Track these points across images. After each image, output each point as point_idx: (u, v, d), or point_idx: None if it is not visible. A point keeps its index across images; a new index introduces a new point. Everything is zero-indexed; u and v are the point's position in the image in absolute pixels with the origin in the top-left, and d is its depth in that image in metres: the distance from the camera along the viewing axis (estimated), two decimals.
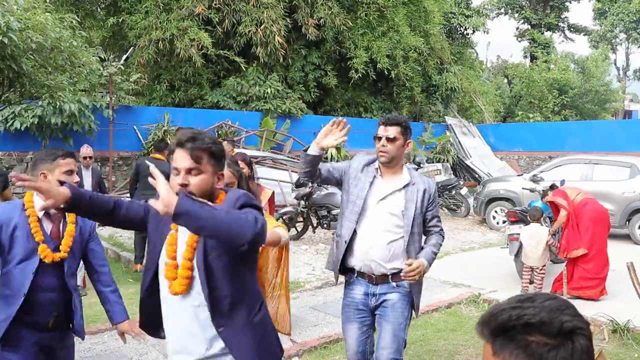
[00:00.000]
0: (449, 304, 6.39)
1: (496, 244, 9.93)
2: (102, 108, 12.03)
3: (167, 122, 13.28)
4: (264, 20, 14.62)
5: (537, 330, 0.99)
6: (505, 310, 1.04)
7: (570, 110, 24.31)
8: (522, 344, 0.99)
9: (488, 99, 23.12)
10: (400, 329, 3.32)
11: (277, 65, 15.80)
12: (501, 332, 1.02)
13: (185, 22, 14.12)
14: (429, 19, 18.78)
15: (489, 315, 1.06)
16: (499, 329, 1.03)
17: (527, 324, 1.00)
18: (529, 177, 11.51)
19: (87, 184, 7.71)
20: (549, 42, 29.43)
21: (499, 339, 1.02)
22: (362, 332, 3.44)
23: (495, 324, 1.03)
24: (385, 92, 19.07)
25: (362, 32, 16.65)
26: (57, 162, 2.85)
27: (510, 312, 1.02)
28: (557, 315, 1.01)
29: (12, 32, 6.59)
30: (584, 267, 6.54)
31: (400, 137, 3.31)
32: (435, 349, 5.03)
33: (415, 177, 3.39)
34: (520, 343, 1.00)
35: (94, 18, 16.12)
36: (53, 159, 2.85)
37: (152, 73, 15.31)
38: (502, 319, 1.03)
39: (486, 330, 1.05)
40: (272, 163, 13.21)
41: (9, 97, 8.28)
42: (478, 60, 27.81)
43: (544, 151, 18.33)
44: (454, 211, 13.26)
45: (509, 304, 1.05)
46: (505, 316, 1.03)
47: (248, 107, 15.19)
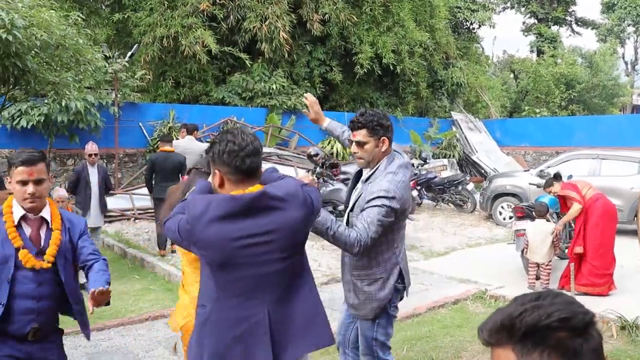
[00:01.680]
0: (455, 300, 6.36)
1: (503, 239, 9.89)
2: (107, 105, 12.05)
3: (173, 119, 13.29)
4: (268, 16, 14.60)
5: (564, 327, 0.99)
6: (527, 311, 1.01)
7: (577, 105, 24.16)
8: (551, 342, 0.98)
9: (494, 94, 23.03)
10: (366, 328, 3.30)
11: (282, 61, 15.78)
12: (530, 334, 1.00)
13: (190, 19, 14.11)
14: (435, 14, 18.70)
15: (508, 321, 1.02)
16: (529, 330, 1.00)
17: (560, 320, 0.99)
18: (535, 173, 11.44)
19: (94, 182, 7.72)
20: (555, 36, 29.24)
21: (526, 341, 1.00)
22: (347, 315, 3.51)
23: (523, 326, 1.00)
24: (391, 87, 19.01)
25: (367, 27, 16.60)
26: (13, 169, 2.60)
27: (537, 312, 1.00)
28: (576, 308, 1.01)
29: (16, 30, 6.59)
30: (593, 263, 6.49)
31: (370, 139, 3.20)
32: (441, 345, 5.00)
33: (378, 179, 3.15)
34: (550, 342, 0.98)
35: (98, 16, 16.14)
36: (11, 165, 2.61)
37: (157, 70, 15.31)
38: (532, 320, 1.00)
39: (508, 335, 1.02)
40: (278, 159, 13.22)
41: (14, 94, 8.29)
42: (484, 55, 27.67)
43: (551, 146, 18.24)
44: (460, 207, 13.22)
45: (524, 304, 1.03)
46: (534, 317, 1.00)
47: (253, 103, 15.18)
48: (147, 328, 5.54)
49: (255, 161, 2.24)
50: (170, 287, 6.88)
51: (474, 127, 19.75)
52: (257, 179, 2.28)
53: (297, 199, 2.26)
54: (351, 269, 3.26)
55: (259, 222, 2.17)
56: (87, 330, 2.90)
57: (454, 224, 11.67)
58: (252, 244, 2.16)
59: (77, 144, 11.37)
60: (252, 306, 2.20)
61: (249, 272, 2.18)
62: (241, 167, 2.20)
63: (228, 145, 2.20)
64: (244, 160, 2.19)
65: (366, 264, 3.20)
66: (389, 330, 3.36)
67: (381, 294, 3.21)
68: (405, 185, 3.18)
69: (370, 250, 3.11)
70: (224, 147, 2.21)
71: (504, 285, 6.91)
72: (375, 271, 3.21)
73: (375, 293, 3.21)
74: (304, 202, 2.28)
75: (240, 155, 2.19)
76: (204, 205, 2.16)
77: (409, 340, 5.13)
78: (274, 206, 2.21)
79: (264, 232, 2.18)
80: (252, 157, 2.21)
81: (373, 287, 3.21)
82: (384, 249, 3.20)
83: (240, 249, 2.15)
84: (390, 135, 3.27)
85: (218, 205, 2.15)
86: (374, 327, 3.28)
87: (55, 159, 11.92)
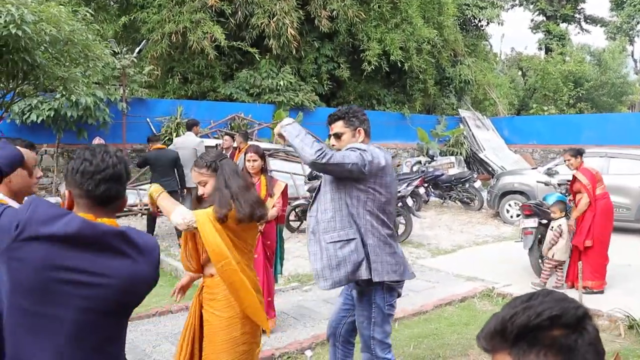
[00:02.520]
0: (462, 297, 6.35)
1: (510, 237, 9.86)
2: (115, 101, 12.08)
3: (180, 115, 13.31)
4: (276, 12, 14.59)
5: (557, 324, 0.98)
6: (517, 313, 1.01)
7: (585, 103, 24.01)
8: (547, 341, 0.98)
9: (502, 92, 22.93)
10: (363, 327, 3.34)
11: (289, 58, 15.76)
12: (522, 336, 0.99)
13: (198, 15, 14.12)
14: (443, 11, 18.64)
15: (500, 324, 1.02)
16: (521, 332, 1.00)
17: (550, 319, 0.98)
18: (543, 170, 11.40)
19: None
20: (564, 33, 29.06)
21: (519, 344, 0.99)
22: (342, 308, 3.58)
23: (515, 328, 1.00)
24: (399, 84, 18.97)
25: (375, 24, 16.55)
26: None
27: (527, 312, 1.00)
28: (568, 304, 1.01)
29: (26, 25, 6.61)
30: (593, 260, 6.52)
31: (347, 130, 3.29)
32: (448, 343, 5.00)
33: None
34: (545, 341, 0.98)
35: (106, 12, 16.17)
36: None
37: (165, 66, 15.34)
38: (522, 321, 1.00)
39: (502, 340, 1.02)
40: (285, 155, 13.20)
41: (23, 89, 8.31)
42: (492, 53, 27.58)
43: (559, 144, 18.15)
44: (467, 204, 13.19)
45: (516, 307, 1.03)
46: (524, 318, 1.00)
47: (261, 100, 15.18)
48: (153, 323, 5.56)
49: (113, 189, 1.88)
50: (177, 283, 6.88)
51: (482, 124, 19.69)
52: (113, 211, 1.92)
53: (152, 257, 1.90)
54: (322, 233, 3.24)
55: (97, 260, 1.77)
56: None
57: (461, 222, 11.65)
58: (78, 282, 1.74)
59: (86, 140, 11.39)
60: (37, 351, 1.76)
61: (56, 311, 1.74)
62: (93, 192, 1.85)
63: (83, 164, 1.86)
64: (98, 185, 1.85)
65: (337, 225, 3.20)
66: (386, 328, 3.36)
67: (355, 257, 3.18)
68: (380, 151, 3.24)
69: (342, 210, 3.17)
70: (78, 166, 1.86)
71: (511, 283, 6.89)
72: (348, 231, 3.19)
73: (349, 255, 3.18)
74: (157, 264, 1.92)
75: (94, 178, 1.85)
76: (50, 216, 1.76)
77: (416, 337, 5.12)
78: (125, 252, 1.82)
79: (99, 273, 1.76)
80: (109, 182, 1.86)
81: (347, 249, 3.18)
82: (354, 211, 3.19)
83: (59, 282, 1.73)
84: (367, 128, 3.32)
85: (69, 221, 1.76)
86: (371, 325, 3.30)
87: (63, 154, 11.96)
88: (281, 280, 6.44)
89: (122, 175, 1.92)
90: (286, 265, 7.27)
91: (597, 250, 6.56)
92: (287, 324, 5.54)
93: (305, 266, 7.70)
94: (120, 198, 1.94)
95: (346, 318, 3.54)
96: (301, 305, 6.16)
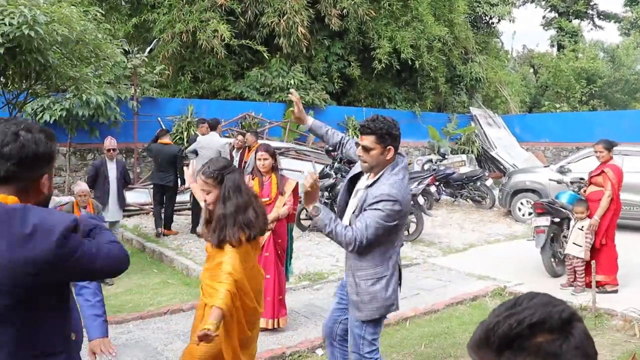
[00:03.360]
0: (474, 296, 6.32)
1: (522, 236, 9.80)
2: (126, 100, 12.15)
3: (191, 114, 13.35)
4: (286, 10, 14.59)
5: (541, 330, 0.96)
6: (500, 322, 0.99)
7: (598, 100, 23.84)
8: (532, 349, 0.96)
9: (514, 89, 22.80)
10: (355, 325, 3.35)
11: (300, 56, 15.76)
12: (506, 345, 0.97)
13: (208, 14, 14.15)
14: (454, 8, 18.54)
15: (485, 333, 1.01)
16: (503, 342, 0.98)
17: (530, 326, 0.96)
18: (556, 169, 11.32)
19: (112, 176, 7.78)
20: (577, 30, 28.84)
21: (505, 353, 0.97)
22: (337, 308, 3.65)
23: (497, 338, 0.98)
24: (409, 82, 18.91)
25: (386, 22, 16.51)
26: None
27: (508, 321, 0.98)
28: (552, 309, 0.98)
29: (38, 25, 6.65)
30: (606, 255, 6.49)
31: (377, 147, 3.20)
32: (459, 342, 4.97)
33: (381, 184, 3.19)
34: (530, 349, 0.96)
35: (118, 12, 16.25)
36: None
37: (176, 65, 15.39)
38: (503, 331, 0.98)
39: (487, 350, 1.00)
40: (296, 154, 13.22)
41: (35, 89, 8.38)
42: (503, 50, 27.41)
43: (571, 142, 18.02)
44: (478, 203, 13.13)
45: (499, 315, 1.01)
46: (505, 326, 0.98)
47: (271, 98, 15.19)
48: (165, 321, 5.58)
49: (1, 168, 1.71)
50: (188, 282, 6.92)
51: (493, 122, 19.59)
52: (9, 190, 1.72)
53: (47, 233, 1.62)
54: (355, 270, 3.30)
55: None
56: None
57: (472, 220, 11.60)
58: None
59: (98, 139, 11.45)
60: None
61: None
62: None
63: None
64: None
65: (370, 263, 3.25)
66: (377, 330, 3.39)
67: (385, 294, 3.26)
68: (406, 186, 3.26)
69: (374, 250, 3.19)
70: None
71: (523, 282, 6.85)
72: (378, 270, 3.25)
73: (379, 292, 3.25)
74: (55, 244, 1.62)
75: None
76: None
77: (427, 336, 5.11)
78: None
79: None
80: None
81: (377, 287, 3.25)
82: (387, 247, 3.26)
83: None
84: (397, 145, 3.29)
85: None
86: (363, 325, 3.32)
87: (75, 153, 12.04)
88: (292, 279, 6.44)
89: (11, 155, 1.70)
90: (297, 264, 7.28)
91: (609, 245, 6.54)
92: (298, 323, 5.55)
93: (316, 265, 7.70)
94: (13, 179, 1.73)
95: (341, 317, 3.57)
96: (312, 304, 6.16)
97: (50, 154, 1.82)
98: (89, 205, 6.88)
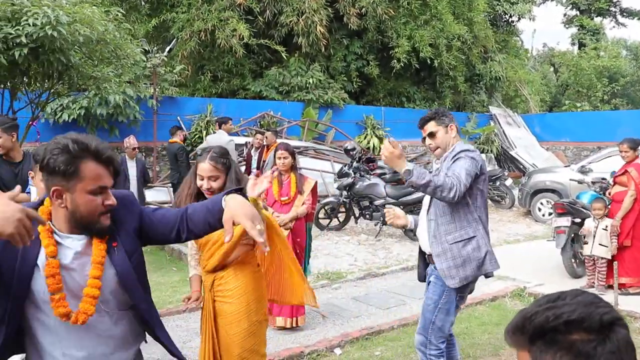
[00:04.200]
0: (493, 297, 6.28)
1: (542, 236, 9.71)
2: (146, 99, 12.24)
3: (210, 113, 13.42)
4: (305, 10, 14.60)
5: (578, 328, 0.95)
6: (539, 312, 0.99)
7: (621, 98, 23.53)
8: (565, 344, 0.95)
9: (534, 88, 22.58)
10: (428, 310, 3.47)
11: (319, 55, 15.77)
12: (540, 336, 0.97)
13: (227, 13, 14.21)
14: (473, 7, 18.41)
15: (521, 321, 1.01)
16: (537, 332, 0.98)
17: (567, 322, 0.95)
18: (577, 168, 11.20)
19: (132, 175, 7.86)
20: (598, 28, 28.46)
21: (537, 343, 0.98)
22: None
23: (531, 327, 0.98)
24: (428, 81, 18.82)
25: (405, 20, 16.45)
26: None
27: (546, 313, 0.98)
28: (594, 309, 0.97)
29: (61, 26, 6.74)
30: (631, 257, 6.40)
31: (440, 127, 3.47)
32: (479, 343, 4.95)
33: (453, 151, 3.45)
34: (563, 344, 0.95)
35: (138, 12, 16.39)
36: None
37: (195, 64, 15.48)
38: (539, 322, 0.98)
39: (521, 337, 1.00)
40: (315, 153, 13.22)
41: (57, 89, 8.48)
42: (523, 49, 27.14)
43: (593, 141, 17.80)
44: (498, 203, 13.03)
45: (540, 306, 1.01)
46: (542, 318, 0.98)
47: (290, 98, 15.21)
48: (184, 319, 5.62)
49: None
50: None
51: (513, 121, 19.42)
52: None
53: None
54: (445, 235, 3.40)
55: None
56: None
57: (491, 220, 11.44)
58: None
59: (117, 137, 11.57)
60: None
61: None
62: None
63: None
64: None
65: (457, 225, 3.38)
66: (450, 318, 3.47)
67: (479, 254, 3.40)
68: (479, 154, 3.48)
69: (460, 210, 3.36)
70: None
71: (543, 282, 6.79)
72: (468, 230, 3.39)
73: (472, 253, 3.38)
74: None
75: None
76: None
77: None
78: None
79: None
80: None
81: (469, 247, 3.38)
82: (471, 209, 3.40)
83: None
84: (457, 125, 3.54)
85: None
86: (435, 310, 3.43)
87: None
88: (310, 278, 6.45)
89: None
90: (315, 263, 7.29)
91: (636, 246, 6.41)
92: (316, 322, 5.55)
93: (335, 264, 7.71)
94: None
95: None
96: (330, 303, 6.16)
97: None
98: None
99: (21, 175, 4.28)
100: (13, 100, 7.78)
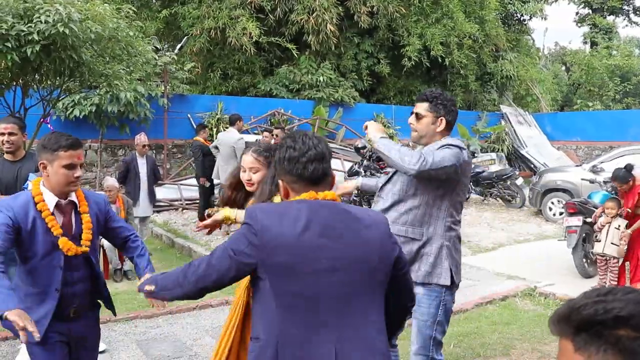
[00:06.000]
0: (503, 296, 6.24)
1: (552, 236, 9.65)
2: (157, 97, 12.28)
3: (221, 110, 13.45)
4: (316, 8, 14.59)
5: (626, 324, 0.94)
6: (588, 304, 0.98)
7: (633, 98, 23.32)
8: (611, 339, 0.94)
9: (545, 87, 22.45)
10: (426, 326, 3.15)
11: (329, 54, 15.76)
12: (586, 328, 0.97)
13: (237, 11, 14.23)
14: (485, 5, 18.33)
15: (568, 310, 1.00)
16: (584, 324, 0.97)
17: (616, 318, 0.94)
18: (588, 168, 11.11)
19: (143, 172, 7.88)
20: (611, 26, 28.23)
21: (582, 334, 0.97)
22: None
23: (579, 318, 0.98)
24: (439, 80, 18.76)
25: (416, 19, 16.40)
26: (57, 153, 2.61)
27: (595, 307, 0.97)
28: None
29: (73, 23, 6.76)
30: None
31: (429, 114, 3.11)
32: (489, 342, 4.92)
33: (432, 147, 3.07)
34: (608, 338, 0.94)
35: (149, 9, 16.45)
36: (54, 149, 2.61)
37: (206, 62, 15.52)
38: (588, 314, 0.97)
39: (566, 326, 1.00)
40: None
41: (69, 86, 8.52)
42: (535, 47, 26.95)
43: (604, 141, 17.67)
44: (508, 202, 12.96)
45: (590, 298, 1.00)
46: (591, 310, 0.97)
47: (300, 96, 15.22)
48: (194, 317, 5.63)
49: (319, 167, 1.95)
50: None
51: (524, 120, 19.32)
52: (326, 188, 1.99)
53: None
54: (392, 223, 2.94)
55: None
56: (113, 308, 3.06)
57: (502, 219, 11.46)
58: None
59: (128, 135, 11.62)
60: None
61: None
62: (303, 174, 1.94)
63: (288, 152, 1.96)
64: (306, 167, 1.93)
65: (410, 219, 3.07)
66: (445, 327, 3.24)
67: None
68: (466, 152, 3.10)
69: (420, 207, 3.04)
70: (284, 154, 1.96)
71: (554, 282, 6.74)
72: (418, 231, 3.08)
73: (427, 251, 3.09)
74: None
75: (301, 161, 1.93)
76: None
77: (456, 336, 5.06)
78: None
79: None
80: (314, 163, 1.94)
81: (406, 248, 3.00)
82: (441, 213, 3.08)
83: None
84: (450, 120, 3.16)
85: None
86: (434, 325, 3.14)
87: (107, 149, 12.22)
88: None
89: (325, 154, 1.98)
90: None
91: None
92: None
93: None
94: (329, 175, 2.01)
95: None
96: None
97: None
98: (118, 200, 7.00)
99: (20, 174, 4.37)
100: (25, 97, 7.82)
